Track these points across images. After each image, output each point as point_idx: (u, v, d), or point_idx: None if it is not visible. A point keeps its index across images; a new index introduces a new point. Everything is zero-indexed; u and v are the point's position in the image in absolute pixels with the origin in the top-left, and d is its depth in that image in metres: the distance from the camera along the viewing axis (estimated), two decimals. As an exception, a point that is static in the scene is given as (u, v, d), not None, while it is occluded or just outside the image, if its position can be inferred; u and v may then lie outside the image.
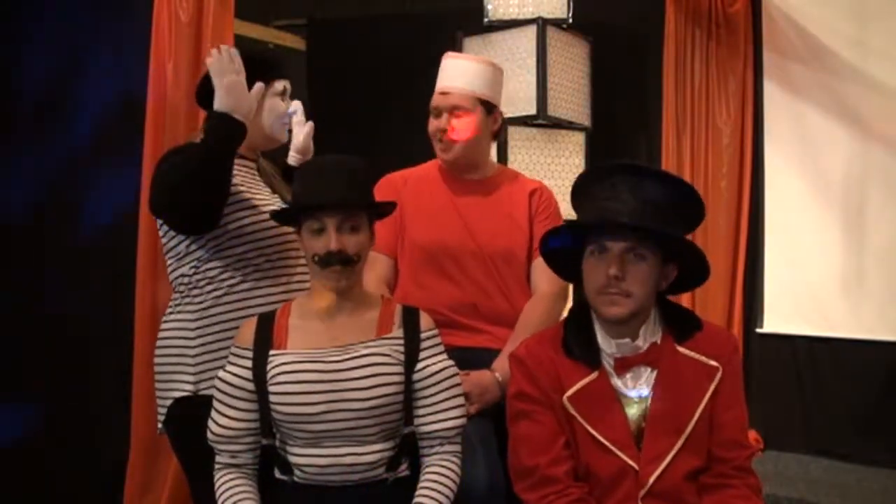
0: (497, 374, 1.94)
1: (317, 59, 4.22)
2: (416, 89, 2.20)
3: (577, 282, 1.70)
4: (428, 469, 1.62)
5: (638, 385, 1.59)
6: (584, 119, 3.58)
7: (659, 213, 1.52)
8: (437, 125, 2.12)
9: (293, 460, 1.59)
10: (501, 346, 2.01)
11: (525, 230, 2.14)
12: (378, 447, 1.58)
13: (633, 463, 1.54)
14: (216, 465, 1.62)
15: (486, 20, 3.50)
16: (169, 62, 2.88)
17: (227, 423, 1.59)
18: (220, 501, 1.57)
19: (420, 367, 1.62)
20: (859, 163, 3.42)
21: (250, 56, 2.05)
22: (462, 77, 2.12)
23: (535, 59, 3.37)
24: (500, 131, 2.24)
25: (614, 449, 1.55)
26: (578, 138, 3.52)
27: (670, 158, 3.61)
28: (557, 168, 3.46)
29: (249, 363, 1.60)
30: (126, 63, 2.93)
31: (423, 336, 1.65)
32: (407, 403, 1.61)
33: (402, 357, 1.61)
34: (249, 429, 1.60)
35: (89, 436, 2.86)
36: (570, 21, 3.50)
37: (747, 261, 3.63)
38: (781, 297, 3.61)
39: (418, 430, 1.63)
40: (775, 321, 3.62)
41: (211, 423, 1.61)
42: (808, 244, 3.53)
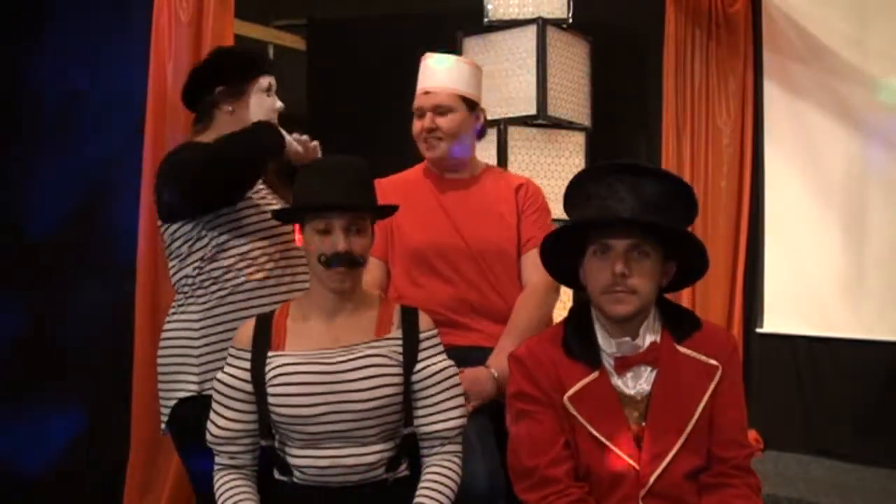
0: (493, 370, 1.94)
1: (317, 59, 4.22)
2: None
3: (576, 286, 1.70)
4: (428, 469, 1.61)
5: (638, 384, 1.59)
6: (584, 119, 3.58)
7: (658, 209, 1.53)
8: (421, 125, 2.14)
9: (292, 461, 1.59)
10: (496, 343, 2.02)
11: (513, 226, 2.14)
12: (378, 448, 1.58)
13: (633, 463, 1.54)
14: (215, 466, 1.62)
15: (486, 20, 3.50)
16: (169, 62, 2.87)
17: (225, 424, 1.59)
18: (219, 502, 1.57)
19: (419, 367, 1.62)
20: (859, 163, 3.41)
21: (235, 53, 2.10)
22: (443, 76, 2.14)
23: (535, 59, 3.37)
24: (484, 129, 2.26)
25: (615, 449, 1.55)
26: (578, 138, 3.52)
27: (670, 158, 3.61)
28: (557, 168, 3.45)
29: (248, 364, 1.60)
30: (126, 63, 2.93)
31: (422, 336, 1.65)
32: (407, 404, 1.61)
33: (401, 358, 1.61)
34: (248, 430, 1.60)
35: (89, 436, 2.87)
36: (570, 21, 3.50)
37: (747, 261, 3.63)
38: (781, 297, 3.61)
39: (418, 431, 1.62)
40: (775, 321, 3.62)
41: (210, 425, 1.61)
42: (808, 244, 3.53)
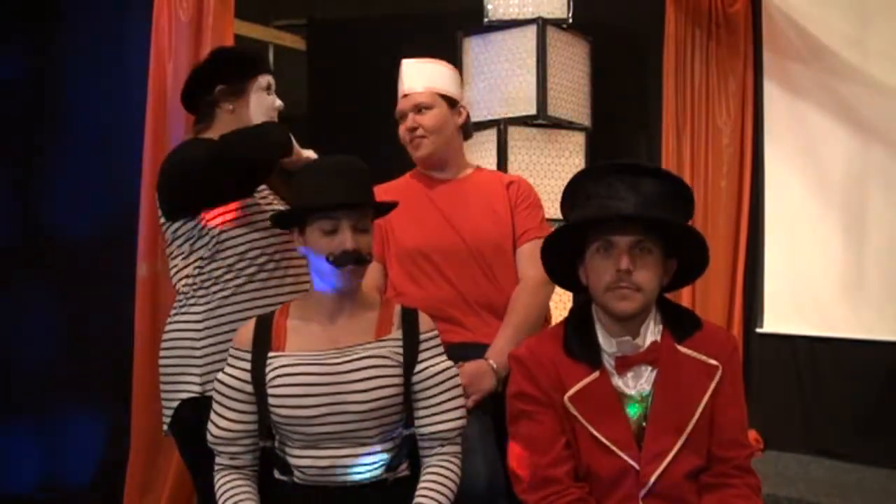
0: (491, 362, 1.95)
1: (317, 59, 4.22)
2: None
3: (575, 288, 1.71)
4: (428, 469, 1.62)
5: (638, 384, 1.59)
6: (584, 119, 3.57)
7: (659, 207, 1.54)
8: (404, 127, 2.19)
9: (293, 462, 1.59)
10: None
11: (507, 220, 2.16)
12: (378, 448, 1.59)
13: (633, 463, 1.54)
14: (216, 467, 1.62)
15: (486, 20, 3.50)
16: (169, 62, 2.88)
17: (226, 424, 1.59)
18: (220, 503, 1.57)
19: (420, 368, 1.62)
20: (859, 163, 3.41)
21: (234, 52, 2.12)
22: (419, 78, 2.19)
23: (535, 59, 3.37)
24: (468, 127, 2.28)
25: (615, 449, 1.55)
26: (578, 138, 3.52)
27: (670, 158, 3.61)
28: (557, 168, 3.45)
29: (248, 365, 1.60)
30: (126, 63, 2.93)
31: (422, 337, 1.65)
32: (407, 405, 1.61)
33: (401, 359, 1.61)
34: (249, 430, 1.60)
35: (89, 436, 2.87)
36: (570, 21, 3.49)
37: (747, 261, 3.63)
38: (781, 297, 3.60)
39: (418, 431, 1.63)
40: (775, 321, 3.62)
41: (210, 425, 1.61)
42: (808, 244, 3.53)
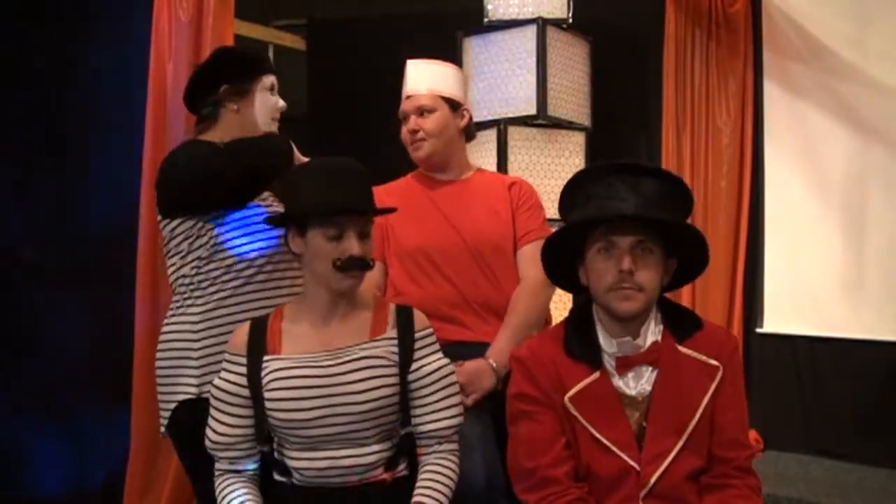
0: (491, 361, 1.95)
1: (317, 59, 4.22)
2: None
3: (574, 290, 1.70)
4: (426, 468, 1.62)
5: (639, 385, 1.59)
6: (584, 119, 3.57)
7: (659, 207, 1.54)
8: (406, 129, 2.19)
9: (291, 464, 1.58)
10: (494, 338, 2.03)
11: (508, 221, 2.16)
12: (376, 448, 1.58)
13: (633, 463, 1.54)
14: (216, 472, 1.62)
15: (486, 20, 3.50)
16: (169, 62, 2.88)
17: (224, 430, 1.59)
18: None
19: (415, 367, 1.62)
20: (859, 163, 3.41)
21: (237, 52, 2.12)
22: (423, 80, 2.19)
23: (535, 59, 3.37)
24: (471, 129, 2.28)
25: (615, 449, 1.55)
26: (578, 138, 3.52)
27: (670, 158, 3.61)
28: (557, 168, 3.45)
29: (244, 369, 1.59)
30: (126, 63, 2.93)
31: (417, 336, 1.64)
32: (404, 404, 1.61)
33: (396, 358, 1.61)
34: (247, 434, 1.59)
35: (89, 435, 2.87)
36: (570, 21, 3.49)
37: (747, 261, 3.63)
38: (781, 297, 3.60)
39: (415, 430, 1.63)
40: (775, 321, 3.62)
41: (208, 431, 1.61)
42: (808, 244, 3.53)
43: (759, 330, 3.64)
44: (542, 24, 3.37)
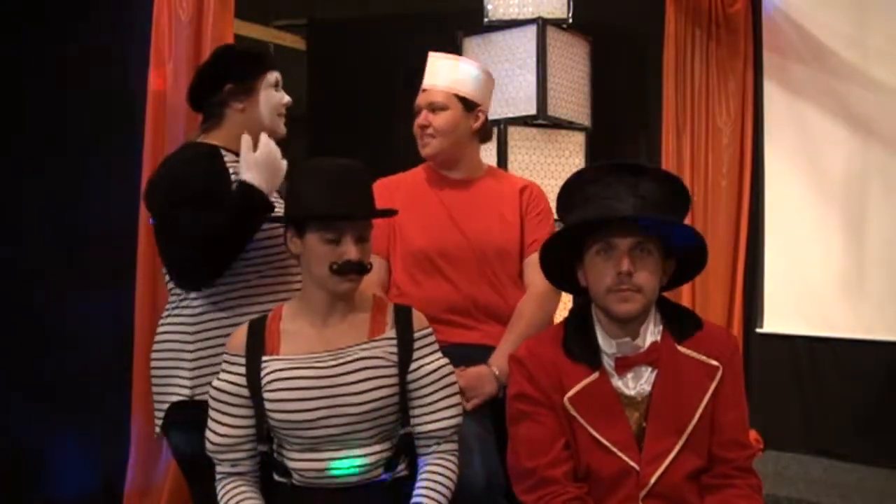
0: (494, 369, 1.95)
1: (317, 59, 4.22)
2: (416, 89, 2.21)
3: (574, 291, 1.70)
4: (425, 468, 1.61)
5: (639, 385, 1.59)
6: (584, 119, 3.58)
7: (657, 207, 1.54)
8: (417, 122, 2.18)
9: (291, 465, 1.58)
10: (497, 342, 2.03)
11: (516, 227, 2.16)
12: (376, 448, 1.58)
13: (633, 463, 1.54)
14: (217, 476, 1.61)
15: (486, 20, 3.50)
16: (169, 62, 2.88)
17: (225, 431, 1.58)
18: None
19: (414, 367, 1.62)
20: (859, 163, 3.41)
21: (240, 51, 2.11)
22: (441, 75, 2.17)
23: (535, 59, 3.37)
24: (485, 131, 2.24)
25: (615, 450, 1.55)
26: (578, 138, 3.52)
27: (670, 158, 3.61)
28: (557, 168, 3.46)
29: (243, 370, 1.59)
30: (126, 63, 2.93)
31: (416, 336, 1.64)
32: (403, 404, 1.61)
33: (395, 358, 1.60)
34: (248, 436, 1.59)
35: (89, 436, 2.86)
36: (570, 21, 3.50)
37: (747, 261, 3.63)
38: (781, 297, 3.61)
39: (415, 430, 1.62)
40: (775, 321, 3.62)
41: (209, 433, 1.60)
42: (808, 244, 3.53)
43: (759, 330, 3.65)
44: (542, 24, 3.37)
